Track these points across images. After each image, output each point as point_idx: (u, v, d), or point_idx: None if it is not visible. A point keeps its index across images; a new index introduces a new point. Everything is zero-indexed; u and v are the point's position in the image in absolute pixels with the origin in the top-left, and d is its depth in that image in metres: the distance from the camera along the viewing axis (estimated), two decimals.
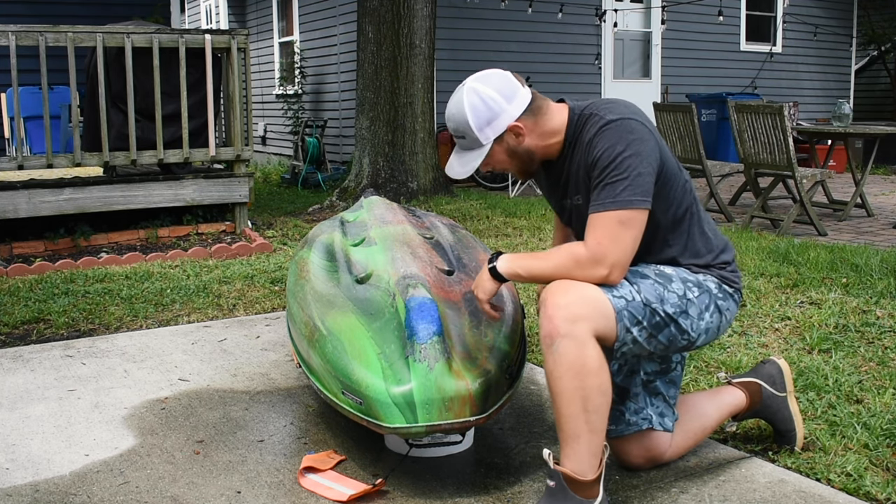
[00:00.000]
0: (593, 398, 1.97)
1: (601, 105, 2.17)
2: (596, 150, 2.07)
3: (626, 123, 2.07)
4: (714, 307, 2.19)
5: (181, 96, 5.88)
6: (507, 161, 2.21)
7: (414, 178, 8.06)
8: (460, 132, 2.17)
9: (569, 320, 1.95)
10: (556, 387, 1.98)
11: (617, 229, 2.02)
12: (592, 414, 1.98)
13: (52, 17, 7.79)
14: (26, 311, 4.19)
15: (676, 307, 2.12)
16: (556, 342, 1.96)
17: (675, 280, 2.16)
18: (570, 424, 1.98)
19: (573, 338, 1.95)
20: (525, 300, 4.29)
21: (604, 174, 2.05)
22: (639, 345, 2.10)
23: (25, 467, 2.48)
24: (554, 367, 1.97)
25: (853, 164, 7.64)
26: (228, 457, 2.53)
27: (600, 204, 2.04)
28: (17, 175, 6.06)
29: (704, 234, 2.25)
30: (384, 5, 7.89)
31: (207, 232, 6.18)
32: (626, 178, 2.02)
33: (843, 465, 2.35)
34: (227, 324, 4.05)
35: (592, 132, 2.10)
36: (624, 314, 2.04)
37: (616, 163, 2.03)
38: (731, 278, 2.25)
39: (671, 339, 2.14)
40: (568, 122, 2.19)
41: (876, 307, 3.88)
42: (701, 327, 2.17)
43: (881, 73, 15.27)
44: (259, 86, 13.40)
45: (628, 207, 2.02)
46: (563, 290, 2.00)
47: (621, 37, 11.84)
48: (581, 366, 1.95)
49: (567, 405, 1.97)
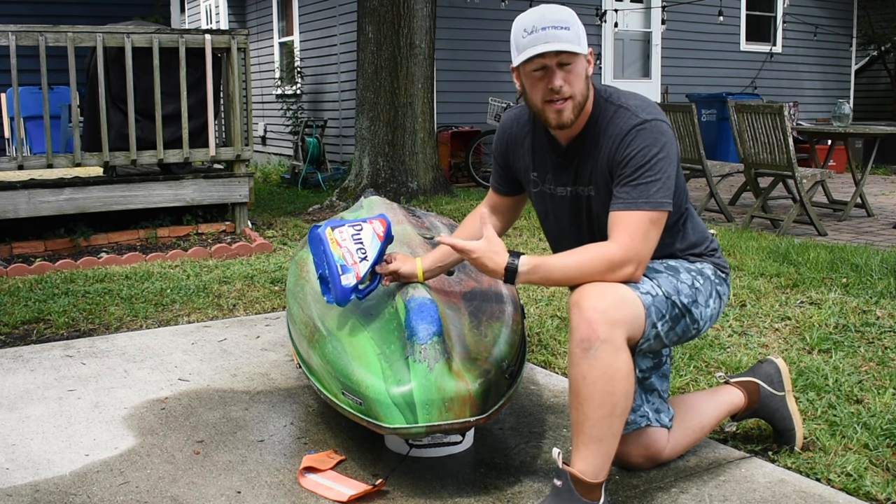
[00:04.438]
0: (621, 403, 1.98)
1: (630, 99, 2.14)
2: (630, 148, 2.07)
3: (659, 125, 2.09)
4: (715, 293, 2.25)
5: (181, 96, 5.88)
6: (582, 80, 2.10)
7: (414, 178, 8.06)
8: (567, 23, 2.05)
9: (609, 324, 1.95)
10: (587, 391, 1.97)
11: (648, 228, 2.05)
12: (618, 418, 1.99)
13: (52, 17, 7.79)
14: (26, 311, 4.19)
15: (689, 297, 2.16)
16: (595, 346, 1.95)
17: (682, 271, 2.20)
18: (596, 428, 1.98)
19: (611, 342, 1.95)
20: (525, 300, 4.29)
21: (637, 173, 2.06)
22: (659, 339, 2.12)
23: (25, 467, 2.48)
24: (589, 372, 1.96)
25: (853, 164, 7.64)
26: (228, 457, 2.53)
27: (632, 202, 2.05)
28: (17, 175, 6.06)
29: (696, 226, 2.31)
30: (384, 5, 7.89)
31: (207, 232, 6.18)
32: (659, 180, 2.05)
33: (843, 465, 2.35)
34: (227, 324, 4.05)
35: (625, 128, 2.09)
36: (651, 310, 2.06)
37: (651, 164, 2.05)
38: (721, 264, 2.32)
39: (685, 329, 2.18)
40: (595, 101, 2.17)
41: (876, 307, 3.88)
42: (707, 314, 2.22)
43: (881, 73, 15.27)
44: (259, 86, 13.40)
45: (659, 209, 2.05)
46: (600, 292, 1.99)
47: (621, 37, 11.84)
48: (616, 371, 1.96)
49: (596, 409, 1.97)
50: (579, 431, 2.01)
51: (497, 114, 9.57)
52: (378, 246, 2.32)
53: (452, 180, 9.64)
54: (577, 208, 2.26)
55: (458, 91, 10.40)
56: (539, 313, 4.06)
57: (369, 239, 2.30)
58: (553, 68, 2.06)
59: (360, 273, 2.30)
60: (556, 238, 2.38)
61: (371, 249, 2.31)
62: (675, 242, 2.26)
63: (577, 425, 2.02)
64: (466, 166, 9.82)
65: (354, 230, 2.31)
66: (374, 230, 2.32)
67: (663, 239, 2.20)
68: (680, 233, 2.26)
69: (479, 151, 10.03)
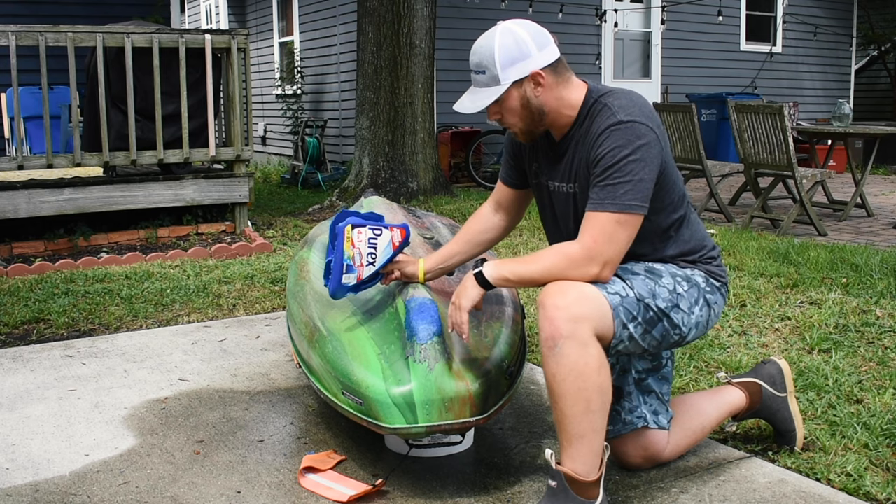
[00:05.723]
0: (596, 398, 1.97)
1: (617, 98, 2.13)
2: (601, 148, 2.06)
3: (636, 127, 2.05)
4: (703, 301, 2.21)
5: (181, 96, 5.88)
6: (517, 110, 2.14)
7: (414, 178, 8.06)
8: (482, 66, 2.12)
9: (570, 321, 1.95)
10: (559, 388, 1.97)
11: (613, 229, 2.03)
12: (595, 414, 1.98)
13: (52, 17, 7.79)
14: (26, 311, 4.19)
15: (668, 301, 2.13)
16: (559, 344, 1.95)
17: (665, 275, 2.17)
18: (574, 425, 1.98)
19: (575, 338, 1.95)
20: (525, 300, 4.29)
21: (606, 174, 2.04)
22: (634, 342, 2.10)
23: (25, 467, 2.48)
24: (557, 369, 1.97)
25: (853, 164, 7.64)
26: (228, 457, 2.53)
27: (599, 203, 2.04)
28: (17, 175, 6.06)
29: (694, 233, 2.28)
30: (384, 5, 7.89)
31: (207, 232, 6.18)
32: (628, 182, 2.02)
33: (843, 465, 2.35)
34: (227, 324, 4.05)
35: (601, 127, 2.09)
36: (619, 310, 2.04)
37: (620, 165, 2.03)
38: (717, 272, 2.28)
39: (664, 334, 2.15)
40: (584, 101, 2.17)
41: (876, 307, 3.88)
42: (691, 321, 2.19)
43: (881, 73, 15.27)
44: (259, 86, 13.40)
45: (627, 211, 2.03)
46: (561, 290, 2.00)
47: (621, 37, 11.84)
48: (584, 366, 1.95)
49: (570, 406, 1.97)
50: (561, 430, 2.02)
51: None
52: (389, 254, 2.36)
53: (452, 180, 9.64)
54: (566, 203, 2.26)
55: (458, 91, 10.20)
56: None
57: (383, 246, 2.33)
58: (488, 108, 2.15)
59: (362, 276, 2.35)
60: (552, 232, 2.39)
61: (381, 257, 2.35)
62: (667, 248, 2.23)
63: (557, 424, 2.02)
64: (466, 166, 9.81)
65: (373, 234, 2.34)
66: (391, 239, 2.36)
67: (653, 243, 2.19)
68: (672, 238, 2.23)
69: (479, 151, 10.02)
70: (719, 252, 2.34)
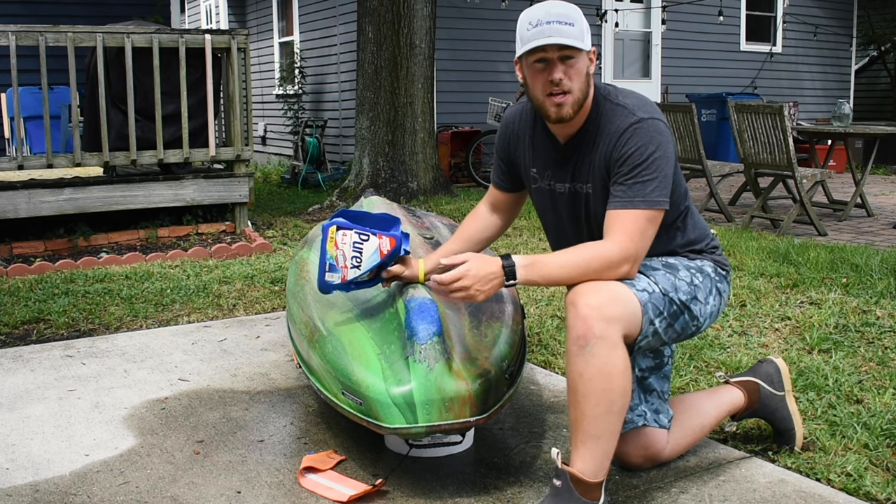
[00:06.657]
0: (618, 401, 1.99)
1: (627, 97, 2.16)
2: (627, 147, 2.08)
3: (656, 124, 2.10)
4: (715, 290, 2.26)
5: (181, 96, 5.88)
6: (582, 76, 2.11)
7: (414, 178, 8.06)
8: (571, 19, 2.07)
9: (603, 321, 1.96)
10: (585, 388, 1.98)
11: (645, 226, 2.06)
12: (615, 416, 2.00)
13: (52, 17, 7.79)
14: (26, 311, 4.19)
15: (687, 294, 2.17)
16: (591, 343, 1.96)
17: (681, 268, 2.21)
18: (593, 426, 1.99)
19: (607, 339, 1.96)
20: (525, 300, 4.29)
21: (634, 171, 2.07)
22: (658, 336, 2.13)
23: (25, 467, 2.48)
24: (585, 369, 1.97)
25: (853, 164, 7.64)
26: (228, 457, 2.53)
27: (629, 201, 2.06)
28: (17, 175, 6.06)
29: (696, 224, 2.32)
30: (384, 5, 7.89)
31: (207, 232, 6.18)
32: (655, 178, 2.06)
33: (843, 465, 2.35)
34: (227, 324, 4.05)
35: (622, 126, 2.11)
36: (648, 307, 2.07)
37: (648, 162, 2.06)
38: (722, 261, 2.33)
39: (684, 326, 2.18)
40: (594, 99, 2.18)
41: (876, 307, 3.88)
42: (707, 311, 2.23)
43: (881, 73, 15.27)
44: (259, 86, 13.40)
45: (655, 207, 2.07)
46: (594, 289, 2.01)
47: (621, 37, 11.84)
48: (612, 367, 1.97)
49: (593, 407, 1.98)
50: (577, 429, 2.01)
51: (497, 114, 9.57)
52: (376, 261, 2.32)
53: (452, 180, 9.64)
54: (575, 205, 2.27)
55: (458, 91, 10.40)
56: (539, 313, 4.06)
57: (369, 252, 2.31)
58: (554, 61, 2.08)
59: (346, 277, 2.34)
60: (556, 235, 2.39)
61: (367, 262, 2.32)
62: (675, 239, 2.26)
63: (574, 423, 2.02)
64: (466, 166, 9.82)
65: (359, 238, 2.32)
66: (378, 246, 2.32)
67: (661, 236, 2.21)
68: (679, 230, 2.27)
69: (479, 151, 10.03)
70: (718, 241, 2.38)
